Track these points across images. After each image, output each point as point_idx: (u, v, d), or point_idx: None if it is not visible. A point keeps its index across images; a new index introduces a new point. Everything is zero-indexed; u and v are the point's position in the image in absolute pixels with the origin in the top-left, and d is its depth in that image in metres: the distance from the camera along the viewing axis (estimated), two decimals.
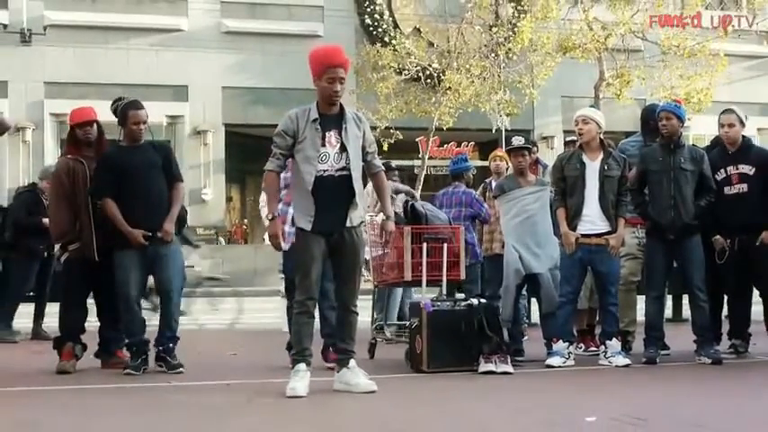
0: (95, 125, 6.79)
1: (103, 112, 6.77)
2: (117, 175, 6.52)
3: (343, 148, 5.40)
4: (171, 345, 6.56)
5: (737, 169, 6.93)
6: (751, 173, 6.88)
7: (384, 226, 5.69)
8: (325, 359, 6.64)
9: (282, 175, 6.38)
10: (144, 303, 6.99)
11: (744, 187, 6.88)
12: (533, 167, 9.10)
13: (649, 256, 6.98)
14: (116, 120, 6.55)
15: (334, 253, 5.47)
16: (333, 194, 5.38)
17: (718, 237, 6.90)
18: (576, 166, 6.72)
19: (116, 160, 6.61)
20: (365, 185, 5.83)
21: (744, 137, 7.08)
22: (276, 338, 8.63)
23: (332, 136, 5.39)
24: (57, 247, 6.81)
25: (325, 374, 6.05)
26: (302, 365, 5.32)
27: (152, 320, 6.84)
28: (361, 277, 5.90)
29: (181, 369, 6.45)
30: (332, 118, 5.44)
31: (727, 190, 6.92)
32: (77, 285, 6.73)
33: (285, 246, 5.94)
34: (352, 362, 5.44)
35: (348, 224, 5.44)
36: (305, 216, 5.39)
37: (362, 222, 5.67)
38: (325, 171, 5.37)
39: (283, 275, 7.43)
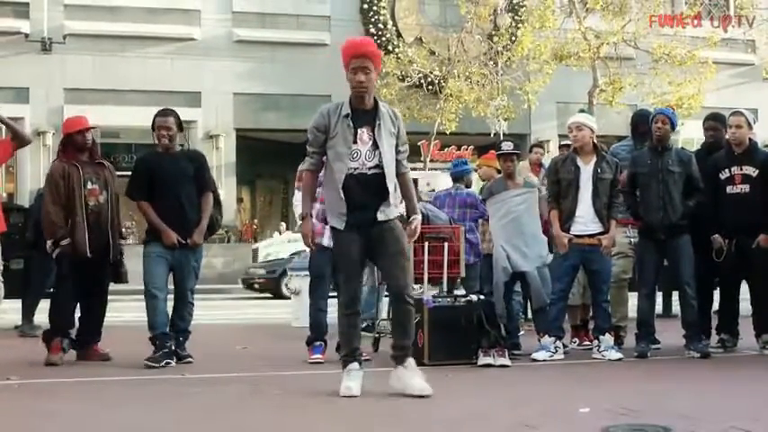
0: (91, 131, 6.92)
1: (119, 117, 7.00)
2: (149, 180, 6.65)
3: (376, 146, 5.07)
4: (181, 338, 6.68)
5: (741, 170, 6.87)
6: (754, 174, 6.83)
7: (413, 223, 5.29)
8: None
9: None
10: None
11: (746, 188, 6.84)
12: (536, 169, 9.32)
13: (641, 254, 7.02)
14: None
15: (374, 247, 5.13)
16: (364, 192, 5.08)
17: (716, 236, 6.87)
18: (570, 169, 6.73)
19: (148, 165, 6.75)
20: None
21: (750, 139, 7.00)
22: (284, 333, 9.03)
23: (364, 133, 5.08)
24: (48, 243, 6.79)
25: (336, 366, 6.17)
26: (355, 365, 5.08)
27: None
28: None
29: (190, 359, 6.61)
30: (365, 114, 5.13)
31: (729, 189, 6.89)
32: (69, 281, 6.77)
33: (326, 241, 6.06)
34: (410, 360, 5.06)
35: (382, 218, 5.10)
36: (337, 215, 5.11)
37: (399, 216, 5.30)
38: (356, 169, 5.06)
39: (306, 274, 7.47)
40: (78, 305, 6.99)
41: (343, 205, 5.08)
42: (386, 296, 7.89)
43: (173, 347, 6.58)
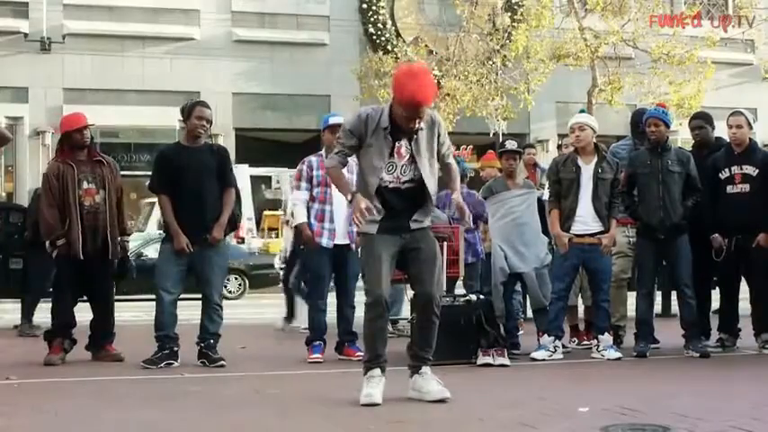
0: (89, 129, 6.89)
1: (118, 117, 6.83)
2: (172, 173, 6.48)
3: (413, 159, 4.87)
4: (212, 341, 6.51)
5: (741, 169, 6.90)
6: (754, 174, 6.88)
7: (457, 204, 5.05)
8: (339, 353, 6.87)
9: (320, 172, 6.67)
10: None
11: (746, 187, 6.87)
12: (531, 170, 9.30)
13: (640, 254, 7.06)
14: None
15: (406, 253, 4.96)
16: (397, 204, 4.93)
17: (716, 235, 6.93)
18: (571, 169, 6.75)
19: (171, 158, 6.57)
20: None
21: (750, 139, 7.06)
22: (283, 333, 9.04)
23: (402, 146, 4.86)
24: (47, 244, 6.80)
25: (336, 366, 6.38)
26: (377, 371, 4.84)
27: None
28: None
29: (223, 363, 6.39)
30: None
31: (729, 189, 6.92)
32: (67, 281, 6.80)
33: (324, 242, 6.33)
34: (425, 368, 4.95)
35: (415, 226, 4.96)
36: (369, 220, 4.83)
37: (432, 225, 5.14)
38: (390, 182, 4.89)
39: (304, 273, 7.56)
40: (89, 305, 7.02)
41: (379, 214, 4.89)
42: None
43: (175, 349, 6.49)
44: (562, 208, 6.79)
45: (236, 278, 17.24)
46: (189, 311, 7.33)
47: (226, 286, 15.26)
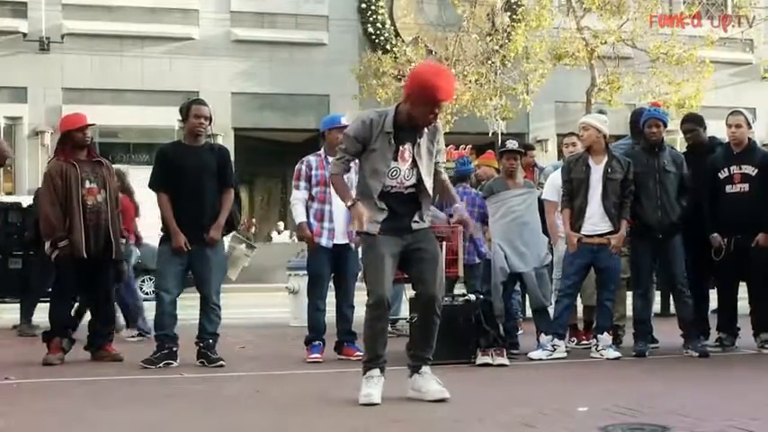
0: (90, 129, 6.88)
1: (118, 117, 6.78)
2: (171, 171, 6.46)
3: (415, 164, 4.91)
4: (211, 341, 6.49)
5: (740, 169, 6.92)
6: (753, 173, 6.89)
7: (457, 212, 5.22)
8: (338, 352, 6.87)
9: (319, 172, 6.75)
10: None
11: (745, 187, 6.88)
12: (529, 170, 9.16)
13: (636, 254, 7.02)
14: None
15: (407, 254, 4.96)
16: (399, 207, 4.94)
17: (715, 235, 6.94)
18: (581, 168, 6.77)
19: (171, 156, 6.54)
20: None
21: (749, 139, 7.06)
22: (283, 332, 9.08)
23: (406, 150, 4.89)
24: (47, 245, 6.76)
25: (335, 366, 6.41)
26: (376, 371, 4.84)
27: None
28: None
29: (222, 363, 6.38)
30: (408, 130, 4.89)
31: (728, 189, 6.93)
32: (67, 282, 6.79)
33: (324, 242, 6.43)
34: (425, 368, 4.95)
35: (416, 227, 4.97)
36: (371, 220, 4.86)
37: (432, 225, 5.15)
38: (392, 187, 4.90)
39: (305, 273, 7.38)
40: (88, 306, 7.03)
41: (382, 214, 4.89)
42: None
43: (175, 349, 6.49)
44: (573, 207, 6.82)
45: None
46: (188, 311, 7.33)
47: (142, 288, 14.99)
